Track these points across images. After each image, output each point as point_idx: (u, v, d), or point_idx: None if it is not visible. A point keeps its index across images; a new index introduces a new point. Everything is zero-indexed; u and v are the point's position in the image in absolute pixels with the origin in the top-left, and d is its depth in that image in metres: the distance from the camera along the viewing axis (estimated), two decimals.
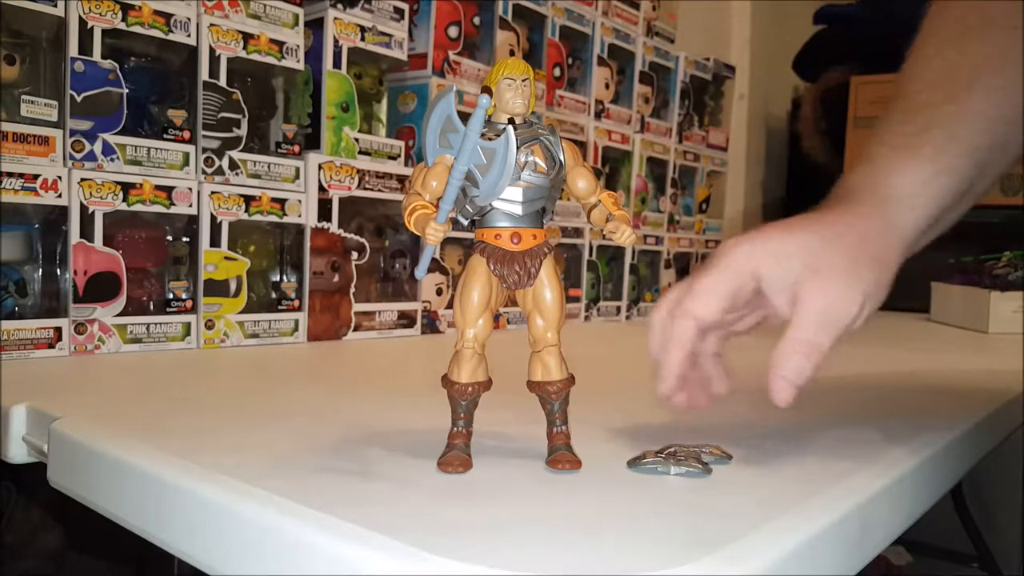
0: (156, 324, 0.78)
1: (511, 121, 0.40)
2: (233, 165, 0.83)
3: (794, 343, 0.42)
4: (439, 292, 1.03)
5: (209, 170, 0.81)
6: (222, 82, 0.82)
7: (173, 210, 0.79)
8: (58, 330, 0.72)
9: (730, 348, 0.50)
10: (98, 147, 0.74)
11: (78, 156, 0.73)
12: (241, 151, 0.84)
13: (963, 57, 0.51)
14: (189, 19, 0.79)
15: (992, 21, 0.51)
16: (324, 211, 0.89)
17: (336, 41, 0.91)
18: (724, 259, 0.44)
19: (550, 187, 0.41)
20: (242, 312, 0.84)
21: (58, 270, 0.74)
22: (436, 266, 1.03)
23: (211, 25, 0.80)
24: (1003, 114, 0.49)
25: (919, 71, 0.52)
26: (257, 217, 0.84)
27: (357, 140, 0.93)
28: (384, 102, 1.02)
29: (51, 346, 0.72)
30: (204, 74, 0.81)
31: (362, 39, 0.94)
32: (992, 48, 0.50)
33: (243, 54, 0.83)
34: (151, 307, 0.80)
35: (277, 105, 0.91)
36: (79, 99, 0.73)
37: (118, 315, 0.75)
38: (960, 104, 0.49)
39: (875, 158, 0.49)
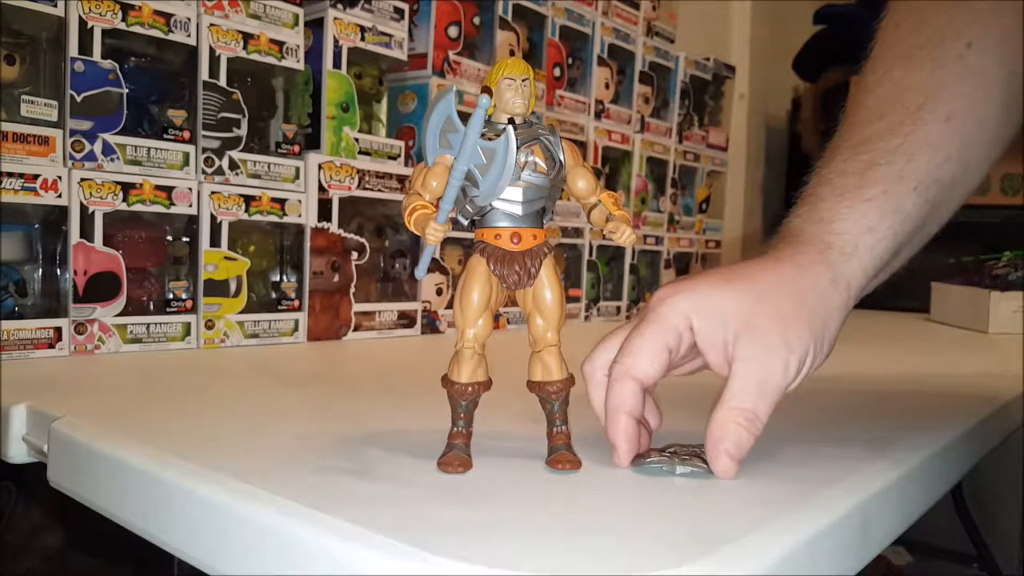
0: (156, 324, 0.78)
1: (511, 121, 0.40)
2: (233, 165, 0.83)
3: (733, 413, 0.40)
4: (439, 292, 1.03)
5: (209, 170, 0.81)
6: (222, 82, 0.82)
7: (173, 210, 0.79)
8: (58, 330, 0.72)
9: None
10: (98, 147, 0.74)
11: (78, 156, 0.73)
12: (241, 151, 0.84)
13: (911, 79, 0.47)
14: (189, 19, 0.79)
15: (942, 38, 0.47)
16: (324, 211, 0.89)
17: (336, 41, 0.91)
18: (658, 313, 0.42)
19: (550, 187, 0.41)
20: (242, 312, 0.84)
21: (58, 270, 0.74)
22: (436, 266, 1.03)
23: (211, 25, 0.80)
24: (959, 140, 0.46)
25: (865, 97, 0.49)
26: (257, 217, 0.84)
27: (357, 140, 0.93)
28: (384, 102, 1.02)
29: (51, 346, 0.71)
30: (204, 74, 0.81)
31: (362, 39, 0.94)
32: (941, 68, 0.46)
33: (243, 54, 0.83)
34: (151, 307, 0.80)
35: (277, 105, 0.91)
36: (79, 99, 0.73)
37: (118, 315, 0.75)
38: (906, 136, 0.45)
39: (818, 199, 0.46)
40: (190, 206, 0.80)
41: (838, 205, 0.45)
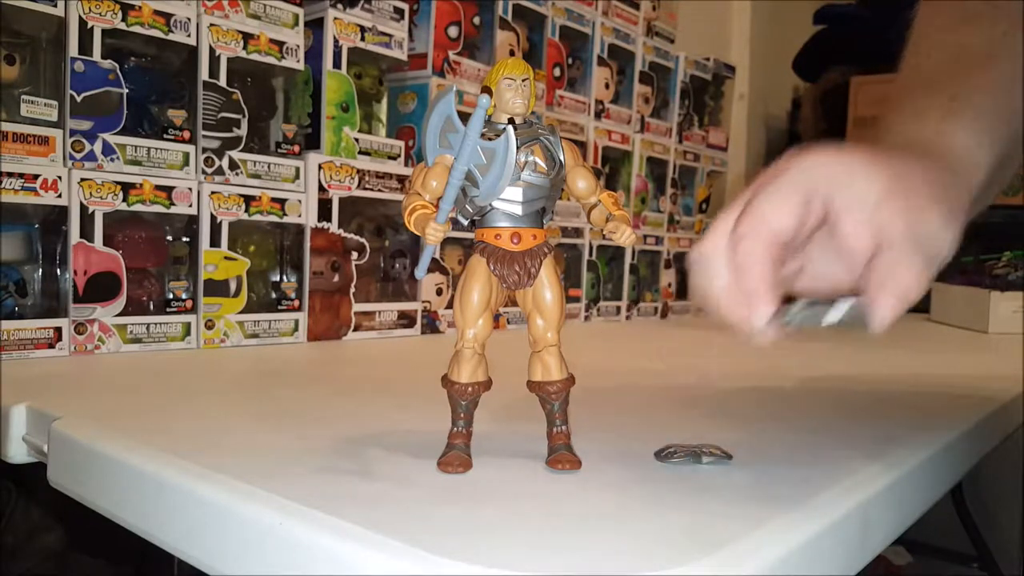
0: (156, 324, 0.78)
1: (511, 121, 0.40)
2: (233, 165, 0.83)
3: (902, 258, 0.35)
4: (439, 292, 1.03)
5: (209, 170, 0.81)
6: (222, 82, 0.82)
7: (173, 210, 0.79)
8: (58, 330, 0.72)
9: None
10: (98, 147, 0.74)
11: (78, 156, 0.73)
12: (241, 151, 0.84)
13: (971, 38, 0.48)
14: (189, 19, 0.79)
15: (996, 5, 0.48)
16: (324, 211, 0.89)
17: (336, 41, 0.91)
18: (788, 172, 0.37)
19: (550, 187, 0.41)
20: (242, 312, 0.84)
21: (58, 270, 0.74)
22: (436, 266, 1.03)
23: (211, 25, 0.80)
24: (1020, 98, 0.46)
25: (921, 64, 0.49)
26: (257, 217, 0.84)
27: (357, 140, 0.93)
28: (384, 102, 1.02)
29: (51, 346, 0.71)
30: (204, 74, 0.81)
31: (362, 39, 0.94)
32: (998, 27, 0.47)
33: (243, 54, 0.83)
34: (151, 307, 0.80)
35: (277, 105, 0.91)
36: (79, 99, 0.73)
37: (118, 315, 0.75)
38: (983, 75, 0.45)
39: (922, 114, 0.44)
40: (190, 206, 0.80)
41: (940, 124, 0.43)
